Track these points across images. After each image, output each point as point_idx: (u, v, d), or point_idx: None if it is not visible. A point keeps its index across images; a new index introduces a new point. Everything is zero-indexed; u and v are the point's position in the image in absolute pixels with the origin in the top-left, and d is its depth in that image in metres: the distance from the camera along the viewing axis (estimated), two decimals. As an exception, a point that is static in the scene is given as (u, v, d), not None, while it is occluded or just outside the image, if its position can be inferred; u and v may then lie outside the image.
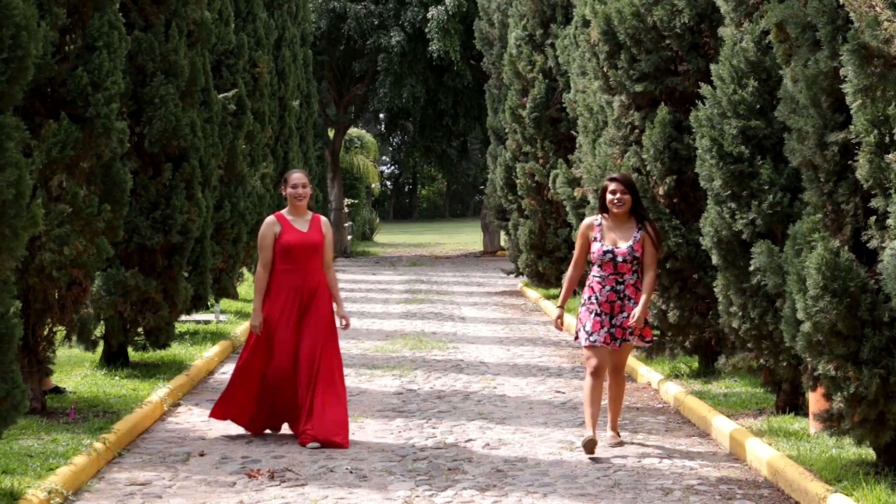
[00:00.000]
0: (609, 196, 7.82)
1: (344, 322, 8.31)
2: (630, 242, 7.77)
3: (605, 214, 7.91)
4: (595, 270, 7.84)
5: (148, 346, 10.80)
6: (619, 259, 7.75)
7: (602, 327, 7.75)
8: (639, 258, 7.77)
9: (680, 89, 9.94)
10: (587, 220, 8.01)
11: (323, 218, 8.40)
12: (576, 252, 8.03)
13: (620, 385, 7.99)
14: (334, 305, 8.31)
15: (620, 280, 7.77)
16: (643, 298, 7.70)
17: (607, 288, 7.76)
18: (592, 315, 7.77)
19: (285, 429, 8.43)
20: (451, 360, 12.32)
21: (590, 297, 7.82)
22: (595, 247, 7.82)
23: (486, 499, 6.59)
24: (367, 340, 13.92)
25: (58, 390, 9.24)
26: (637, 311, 7.66)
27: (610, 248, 7.77)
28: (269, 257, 8.22)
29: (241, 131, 14.99)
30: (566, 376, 11.15)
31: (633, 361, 11.03)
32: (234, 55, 15.18)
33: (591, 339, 7.75)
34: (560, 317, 8.03)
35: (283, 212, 8.35)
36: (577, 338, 7.90)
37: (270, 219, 8.28)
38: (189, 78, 10.73)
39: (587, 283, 7.90)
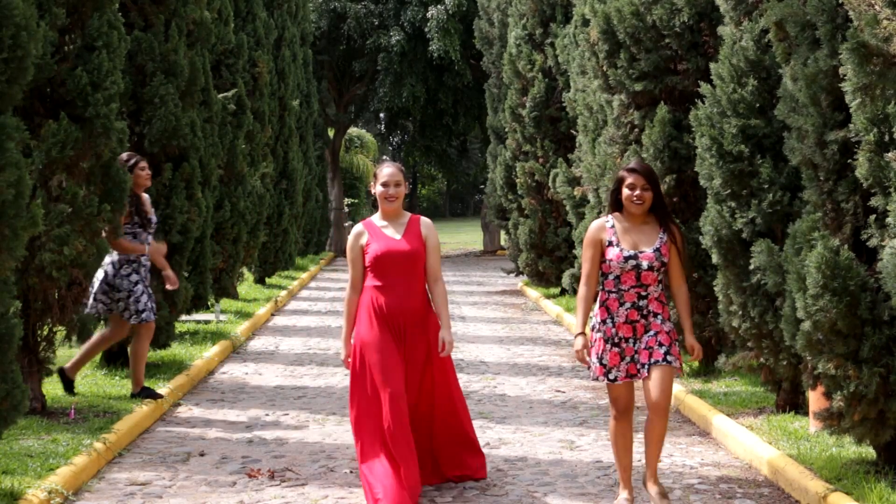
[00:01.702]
0: (626, 191, 6.20)
1: (441, 344, 6.65)
2: (656, 245, 6.18)
3: (618, 213, 6.31)
4: (610, 285, 6.21)
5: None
6: (644, 266, 6.14)
7: (622, 359, 6.17)
8: (666, 265, 6.23)
9: (679, 88, 9.95)
10: (596, 223, 6.30)
11: (424, 219, 6.77)
12: (586, 264, 6.27)
13: (662, 427, 6.15)
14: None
15: (644, 294, 6.16)
16: (687, 324, 6.30)
17: (627, 305, 6.16)
18: (609, 345, 6.19)
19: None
20: (451, 359, 12.31)
21: (604, 321, 6.22)
22: (612, 252, 6.18)
23: (487, 498, 6.58)
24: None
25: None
26: (691, 342, 6.27)
27: (632, 252, 6.15)
28: (359, 275, 6.68)
29: (241, 131, 15.02)
30: (566, 375, 11.15)
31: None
32: (233, 55, 15.20)
33: (610, 376, 6.17)
34: (585, 345, 6.18)
35: (374, 217, 6.81)
36: (590, 367, 6.28)
37: (357, 228, 6.74)
38: (189, 78, 10.74)
39: (599, 301, 6.31)
